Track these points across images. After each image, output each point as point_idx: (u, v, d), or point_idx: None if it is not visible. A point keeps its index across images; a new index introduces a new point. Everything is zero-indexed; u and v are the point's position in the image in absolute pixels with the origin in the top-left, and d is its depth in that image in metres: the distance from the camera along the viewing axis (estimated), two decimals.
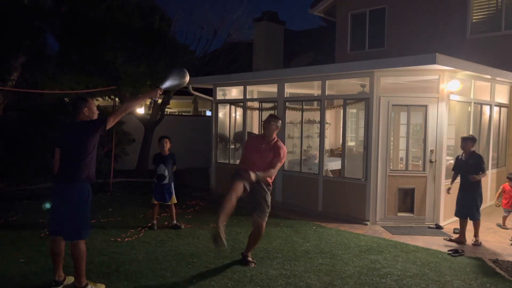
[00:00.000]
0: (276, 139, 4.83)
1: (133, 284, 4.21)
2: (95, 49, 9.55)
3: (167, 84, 4.29)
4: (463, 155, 6.09)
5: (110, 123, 3.97)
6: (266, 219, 4.81)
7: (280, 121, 4.91)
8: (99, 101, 12.25)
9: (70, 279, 4.09)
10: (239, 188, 4.52)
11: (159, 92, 4.20)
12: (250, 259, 4.90)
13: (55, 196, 3.99)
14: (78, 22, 9.52)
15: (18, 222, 6.49)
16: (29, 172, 9.10)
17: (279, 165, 4.71)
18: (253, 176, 4.45)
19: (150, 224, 6.35)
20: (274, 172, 4.67)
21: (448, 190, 6.25)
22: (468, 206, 5.92)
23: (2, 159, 9.03)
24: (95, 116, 4.08)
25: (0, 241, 5.48)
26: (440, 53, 6.03)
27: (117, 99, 11.09)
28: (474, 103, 7.77)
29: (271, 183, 4.84)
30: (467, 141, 6.03)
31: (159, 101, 11.58)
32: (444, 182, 6.91)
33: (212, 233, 4.34)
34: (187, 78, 4.44)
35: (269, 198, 4.79)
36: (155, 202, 6.33)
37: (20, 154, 9.20)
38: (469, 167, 5.93)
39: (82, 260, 3.91)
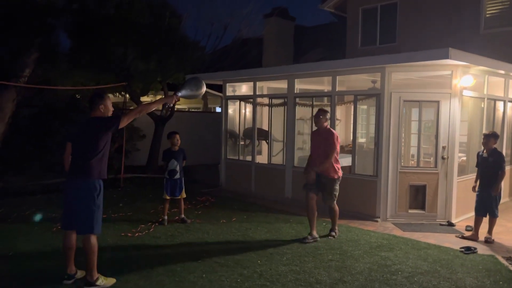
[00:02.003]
0: (327, 127, 5.75)
1: (144, 278, 4.23)
2: (106, 46, 9.61)
3: (183, 92, 4.34)
4: (484, 151, 5.98)
5: (124, 123, 4.01)
6: (335, 202, 5.81)
7: (328, 113, 5.85)
8: (110, 98, 12.35)
9: (82, 273, 4.13)
10: (313, 197, 5.77)
11: (175, 99, 4.25)
12: (333, 233, 5.90)
13: (67, 191, 4.03)
14: (89, 19, 9.59)
15: (30, 216, 6.58)
16: (42, 168, 9.21)
17: (332, 151, 5.58)
18: (312, 174, 5.66)
19: (160, 220, 6.39)
20: (328, 161, 5.58)
21: (474, 188, 6.07)
22: (489, 203, 5.83)
23: (15, 155, 9.16)
24: (110, 114, 4.11)
25: (13, 235, 5.56)
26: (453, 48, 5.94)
27: (127, 95, 11.16)
28: (488, 99, 7.64)
29: (334, 174, 5.68)
30: (490, 138, 5.90)
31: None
32: (457, 179, 6.83)
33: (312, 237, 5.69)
34: (203, 90, 4.50)
35: (336, 187, 5.74)
36: (167, 197, 6.37)
37: (33, 149, 9.31)
38: (489, 164, 5.83)
39: (93, 254, 3.95)
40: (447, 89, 6.80)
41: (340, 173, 5.80)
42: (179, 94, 4.31)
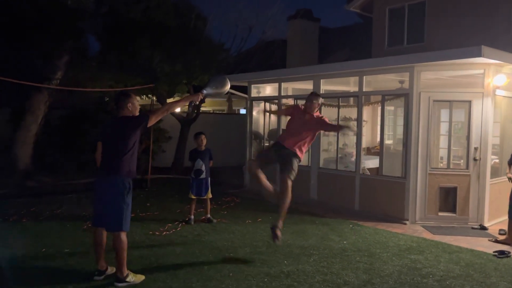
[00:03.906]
0: (317, 113, 5.22)
1: (171, 276, 4.27)
2: (133, 48, 9.80)
3: (208, 90, 4.40)
4: None
5: (152, 121, 4.07)
6: (292, 178, 4.92)
7: (321, 99, 5.46)
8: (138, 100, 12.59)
9: (112, 269, 4.20)
10: (256, 165, 5.07)
11: (201, 96, 4.30)
12: (278, 232, 4.77)
13: (98, 189, 4.11)
14: (117, 22, 9.81)
15: (62, 214, 6.76)
16: (72, 167, 9.46)
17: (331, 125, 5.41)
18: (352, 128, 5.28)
19: (187, 219, 6.45)
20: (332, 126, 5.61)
21: (510, 179, 5.91)
22: None
23: (47, 155, 9.45)
24: (137, 112, 4.18)
25: (46, 233, 5.73)
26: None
27: (154, 97, 11.35)
28: None
29: (298, 152, 5.00)
30: None
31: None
32: (490, 181, 6.61)
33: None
34: (228, 87, 4.56)
35: (295, 164, 4.97)
36: (193, 197, 6.42)
37: (64, 150, 9.59)
38: None
39: (123, 251, 4.01)
40: (479, 88, 6.60)
41: (302, 157, 5.11)
42: (204, 91, 4.38)
